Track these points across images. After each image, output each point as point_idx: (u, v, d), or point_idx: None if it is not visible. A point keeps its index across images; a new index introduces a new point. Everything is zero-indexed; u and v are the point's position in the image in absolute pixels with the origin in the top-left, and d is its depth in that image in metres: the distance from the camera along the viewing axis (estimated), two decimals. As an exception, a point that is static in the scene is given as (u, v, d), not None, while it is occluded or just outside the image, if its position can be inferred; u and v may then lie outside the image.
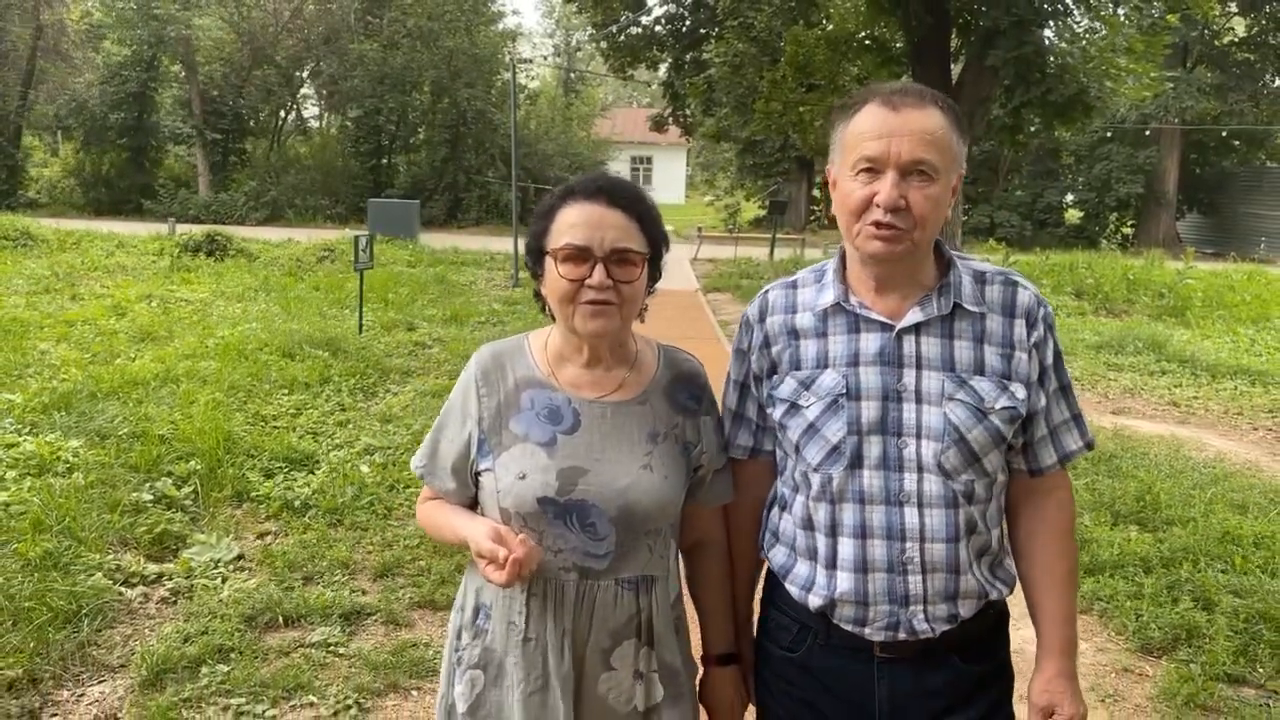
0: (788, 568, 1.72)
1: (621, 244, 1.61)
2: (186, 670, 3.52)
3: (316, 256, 15.34)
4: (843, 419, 1.60)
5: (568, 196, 1.65)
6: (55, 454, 5.29)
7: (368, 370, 8.25)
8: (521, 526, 1.62)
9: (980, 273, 1.66)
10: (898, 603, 1.59)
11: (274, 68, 30.54)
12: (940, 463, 1.57)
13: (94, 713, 3.31)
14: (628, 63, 17.16)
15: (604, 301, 1.59)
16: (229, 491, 5.26)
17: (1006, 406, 1.58)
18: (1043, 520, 1.70)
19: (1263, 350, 10.77)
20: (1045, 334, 1.64)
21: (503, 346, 1.77)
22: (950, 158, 1.54)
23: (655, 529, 1.67)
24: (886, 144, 1.51)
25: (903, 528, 1.58)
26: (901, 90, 1.56)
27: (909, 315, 1.60)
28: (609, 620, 1.64)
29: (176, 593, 4.20)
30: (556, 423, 1.66)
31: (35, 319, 9.29)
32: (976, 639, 1.66)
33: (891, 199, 1.50)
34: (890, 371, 1.59)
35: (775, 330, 1.71)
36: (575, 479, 1.61)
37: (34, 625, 3.66)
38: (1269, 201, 25.56)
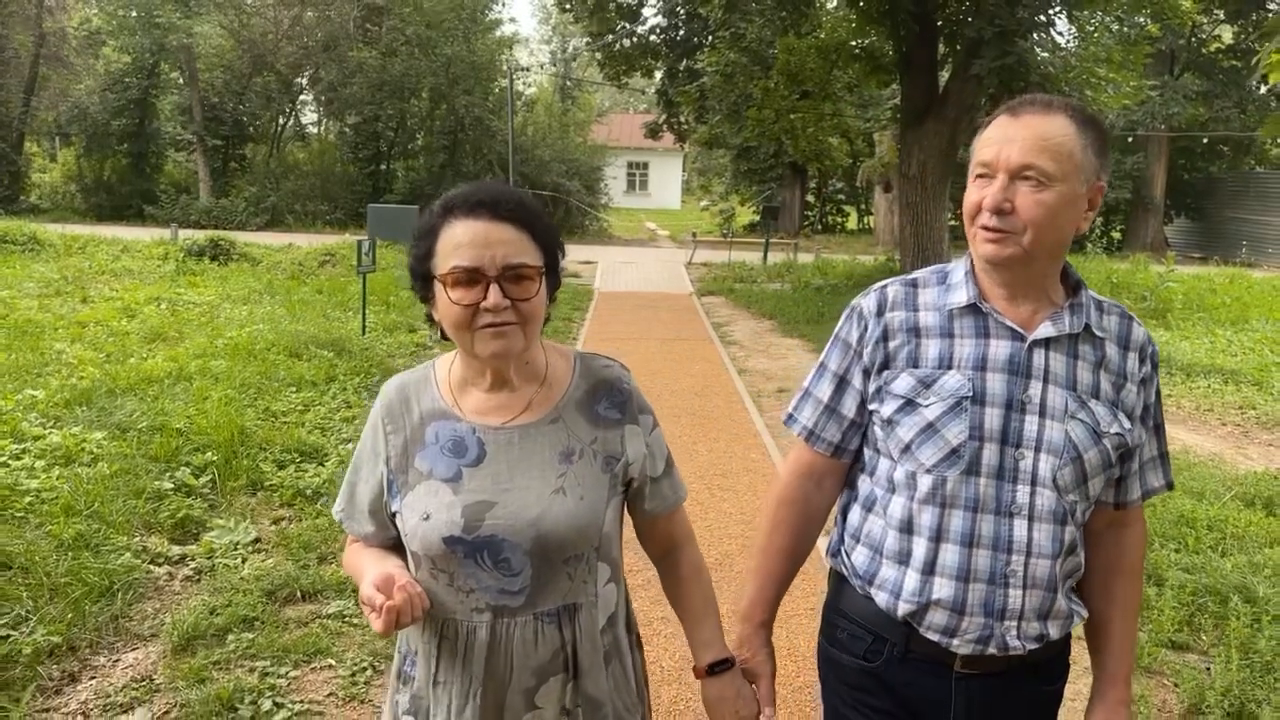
0: (871, 571, 1.68)
1: (514, 259, 1.49)
2: (214, 637, 3.82)
3: (318, 261, 15.64)
4: (965, 422, 1.56)
5: (447, 214, 1.52)
6: (80, 445, 5.59)
7: (371, 369, 8.57)
8: (432, 569, 1.54)
9: (1099, 301, 1.65)
10: (994, 616, 1.57)
11: (274, 75, 30.86)
12: (1055, 478, 1.55)
13: (129, 675, 3.61)
14: (623, 71, 17.51)
15: (503, 323, 1.48)
16: (244, 481, 5.56)
17: (1118, 433, 1.58)
18: (1121, 553, 1.70)
19: (1238, 351, 11.09)
20: (1153, 372, 1.65)
21: (409, 378, 1.66)
22: (1071, 165, 1.49)
23: (575, 554, 1.56)
24: (998, 149, 1.51)
25: (1010, 540, 1.56)
26: (1031, 99, 1.55)
27: (1042, 328, 1.58)
28: (530, 658, 1.54)
29: (200, 571, 4.51)
30: (461, 455, 1.55)
31: (49, 320, 9.59)
32: (1053, 659, 1.67)
33: (994, 201, 1.50)
34: (1017, 381, 1.56)
35: (895, 325, 1.66)
36: (482, 514, 1.51)
37: (70, 599, 3.95)
38: (1255, 206, 25.93)
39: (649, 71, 18.50)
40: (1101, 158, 1.53)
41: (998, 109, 1.58)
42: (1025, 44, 11.77)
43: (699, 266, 20.90)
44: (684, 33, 16.32)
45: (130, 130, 28.11)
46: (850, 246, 26.05)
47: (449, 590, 1.54)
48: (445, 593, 1.54)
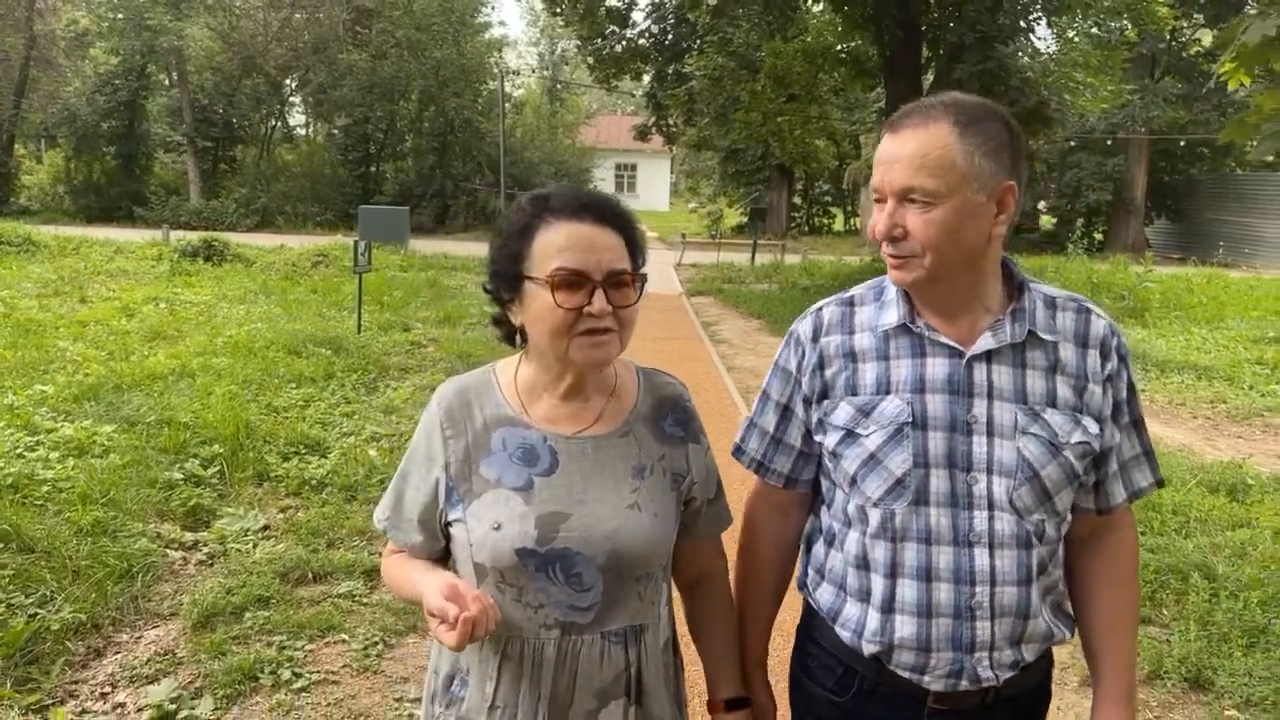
0: (836, 609, 1.61)
1: (617, 265, 1.46)
2: (232, 615, 4.03)
3: (311, 261, 15.82)
4: (907, 450, 1.48)
5: (545, 213, 1.47)
6: (91, 438, 5.78)
7: (368, 367, 8.77)
8: (499, 582, 1.47)
9: (1051, 298, 1.55)
10: (962, 649, 1.48)
11: (263, 77, 30.99)
12: (1013, 500, 1.46)
13: (152, 650, 3.82)
14: (612, 74, 17.76)
15: (604, 329, 1.44)
16: (250, 472, 5.76)
17: (1080, 442, 1.48)
18: (1110, 561, 1.61)
19: (1212, 348, 11.39)
20: (1119, 366, 1.54)
21: (468, 382, 1.60)
22: (956, 177, 1.40)
23: (647, 573, 1.53)
24: (883, 172, 1.44)
25: (972, 570, 1.46)
26: (911, 109, 1.45)
27: (980, 341, 1.48)
28: (595, 679, 1.49)
29: (213, 556, 4.71)
30: (532, 464, 1.50)
31: (50, 320, 9.76)
32: (1031, 689, 1.59)
33: (884, 229, 1.44)
34: (959, 401, 1.48)
35: (831, 351, 1.58)
36: (557, 525, 1.46)
37: (92, 580, 4.15)
38: (1234, 208, 26.36)
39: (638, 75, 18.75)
40: (996, 158, 1.41)
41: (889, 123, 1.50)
42: (1006, 49, 12.05)
43: (688, 267, 21.15)
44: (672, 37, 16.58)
45: (119, 132, 28.22)
46: (837, 247, 26.35)
47: (516, 605, 1.47)
48: (512, 608, 1.47)
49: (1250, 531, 5.02)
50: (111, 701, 3.47)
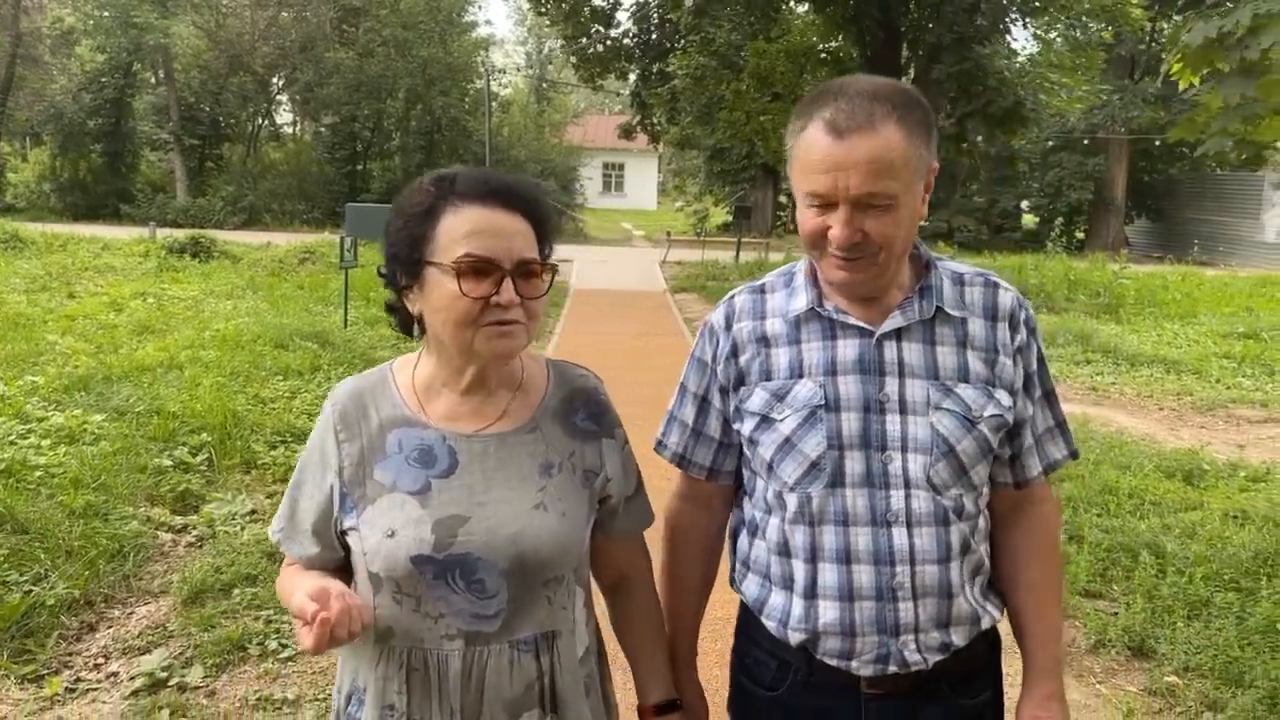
0: (762, 600, 1.59)
1: (527, 254, 1.39)
2: (221, 591, 4.19)
3: (298, 258, 15.94)
4: (821, 432, 1.47)
5: (450, 196, 1.39)
6: (82, 426, 5.92)
7: (354, 360, 8.92)
8: (395, 592, 1.39)
9: (959, 274, 1.55)
10: (887, 632, 1.47)
11: (250, 75, 31.05)
12: (929, 477, 1.46)
13: (144, 624, 3.97)
14: (597, 73, 17.93)
15: (511, 321, 1.37)
16: (238, 460, 5.91)
17: (994, 414, 1.48)
18: (1028, 534, 1.60)
19: (1183, 343, 11.65)
20: (1029, 338, 1.54)
21: (364, 382, 1.52)
22: (910, 172, 1.39)
23: (556, 576, 1.45)
24: (833, 179, 1.38)
25: (891, 550, 1.45)
26: (849, 109, 1.38)
27: (889, 320, 1.49)
28: (504, 691, 1.41)
29: (201, 539, 4.86)
30: (429, 465, 1.42)
31: (38, 314, 9.88)
32: (969, 670, 1.56)
33: (846, 238, 1.39)
34: (871, 380, 1.47)
35: (744, 338, 1.57)
36: (455, 530, 1.38)
37: (85, 560, 4.30)
38: (1213, 207, 26.73)
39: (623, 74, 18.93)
40: (928, 144, 1.42)
41: (811, 99, 1.45)
42: (983, 50, 12.29)
43: (673, 265, 21.34)
44: (656, 36, 16.77)
45: (106, 130, 28.25)
46: (821, 246, 26.53)
47: (415, 616, 1.40)
48: (411, 619, 1.40)
49: (1201, 514, 5.23)
50: (105, 671, 3.63)
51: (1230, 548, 4.63)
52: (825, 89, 1.45)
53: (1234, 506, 5.31)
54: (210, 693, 3.47)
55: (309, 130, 36.27)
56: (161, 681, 3.50)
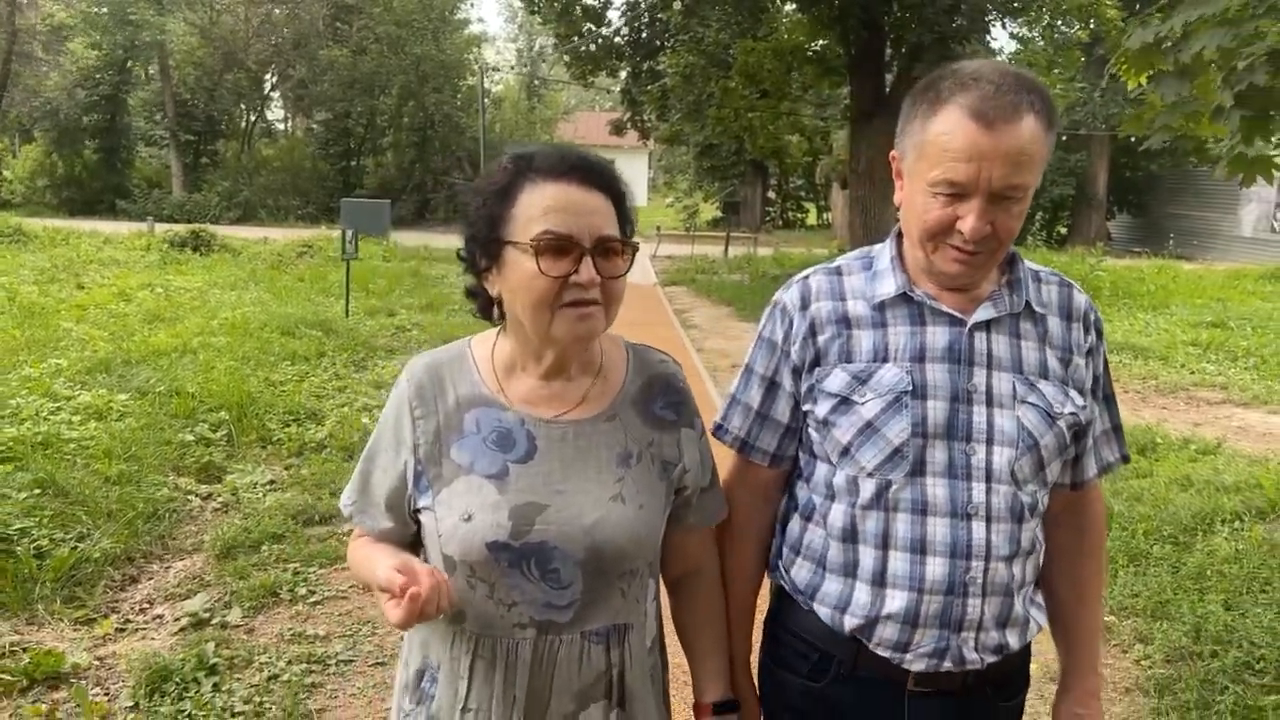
0: (814, 586, 1.54)
1: (607, 231, 1.35)
2: (250, 548, 4.58)
3: (296, 252, 16.29)
4: (906, 419, 1.43)
5: (529, 172, 1.36)
6: (108, 404, 6.29)
7: (357, 347, 9.32)
8: (469, 576, 1.37)
9: (1035, 272, 1.54)
10: (950, 628, 1.44)
11: (245, 72, 31.33)
12: (1014, 471, 1.43)
13: (182, 576, 4.37)
14: (589, 71, 18.32)
15: (590, 301, 1.33)
16: (254, 436, 6.30)
17: (1071, 412, 1.47)
18: (1079, 534, 1.61)
19: (1154, 332, 12.10)
20: (1098, 340, 1.54)
21: (441, 357, 1.48)
22: (1042, 165, 1.38)
23: (631, 570, 1.42)
24: (977, 169, 1.33)
25: (969, 544, 1.43)
26: (996, 96, 1.33)
27: (981, 310, 1.46)
28: (573, 681, 1.40)
29: (227, 505, 5.25)
30: (507, 449, 1.40)
31: (50, 304, 10.23)
32: (1010, 677, 1.56)
33: (979, 230, 1.35)
34: (960, 370, 1.44)
35: (823, 317, 1.52)
36: (532, 517, 1.36)
37: (124, 520, 4.68)
38: (1193, 202, 27.22)
39: (614, 72, 19.32)
40: (1053, 138, 1.41)
41: (940, 82, 1.40)
42: (962, 50, 12.71)
43: (663, 260, 21.74)
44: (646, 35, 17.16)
45: (101, 126, 28.51)
46: (810, 241, 27.03)
47: (488, 602, 1.37)
48: (484, 604, 1.38)
49: (1150, 481, 5.67)
50: (150, 614, 4.03)
51: (1172, 508, 5.06)
52: (956, 72, 1.39)
53: (1181, 474, 5.75)
54: (249, 630, 3.87)
55: (300, 126, 36.54)
56: (204, 620, 3.90)
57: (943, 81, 1.38)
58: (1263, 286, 16.77)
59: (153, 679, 3.37)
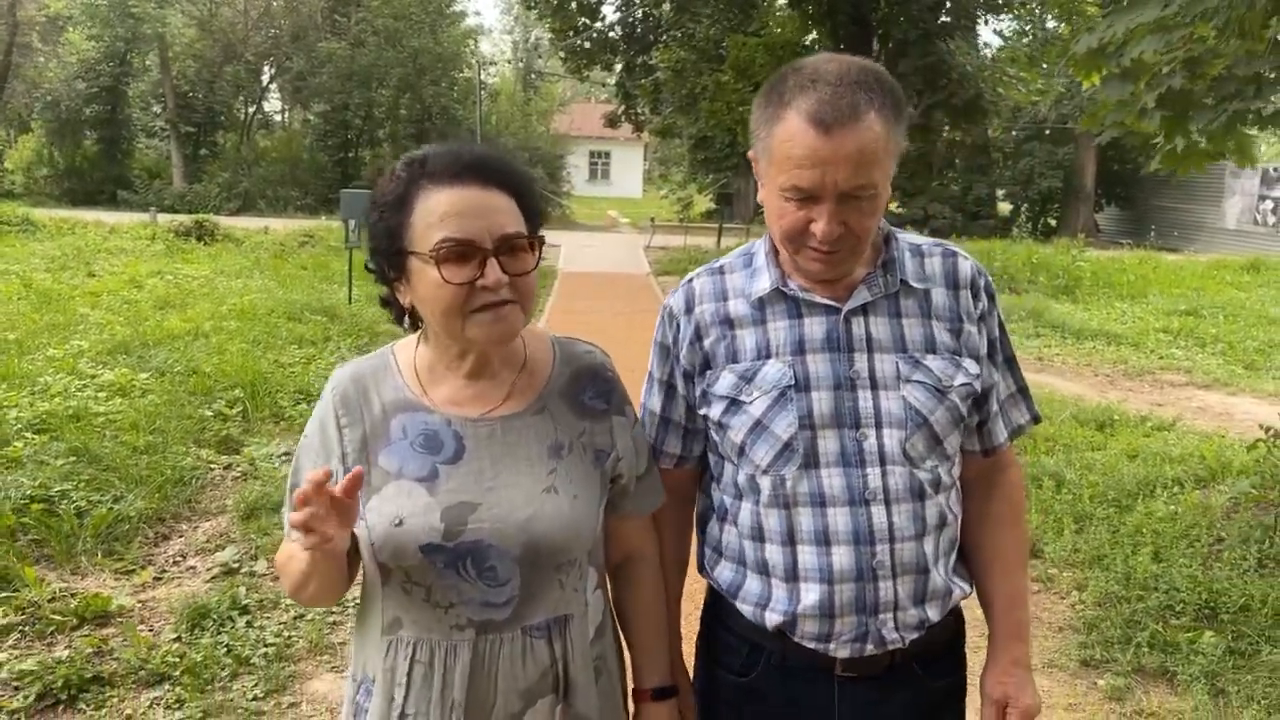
0: (736, 584, 1.56)
1: (509, 229, 1.34)
2: (270, 510, 4.98)
3: (298, 241, 16.69)
4: (792, 413, 1.45)
5: (421, 179, 1.34)
6: (130, 382, 6.70)
7: (361, 332, 9.73)
8: (404, 582, 1.37)
9: (917, 245, 1.55)
10: (866, 612, 1.46)
11: (244, 64, 31.66)
12: (906, 450, 1.44)
13: (209, 533, 4.78)
14: (584, 65, 18.71)
15: (501, 302, 1.32)
16: (267, 413, 6.71)
17: (963, 383, 1.48)
18: (996, 501, 1.61)
19: (1129, 319, 12.54)
20: (990, 305, 1.55)
21: (364, 366, 1.48)
22: (890, 160, 1.38)
23: (568, 560, 1.42)
24: (820, 175, 1.34)
25: (871, 529, 1.44)
26: (833, 99, 1.32)
27: (855, 296, 1.47)
28: (518, 680, 1.39)
29: (246, 473, 5.66)
30: (435, 451, 1.39)
31: (64, 290, 10.62)
32: (939, 650, 1.57)
33: (831, 233, 1.37)
34: (840, 358, 1.46)
35: (706, 321, 1.54)
36: (465, 517, 1.35)
37: (153, 485, 5.09)
38: (1178, 195, 27.66)
39: (609, 66, 19.70)
40: (902, 126, 1.40)
41: (782, 84, 1.40)
42: (945, 46, 13.13)
43: (657, 250, 22.14)
44: (640, 30, 17.54)
45: (102, 117, 28.83)
46: (801, 232, 27.41)
47: (425, 606, 1.37)
48: (421, 609, 1.38)
49: (1103, 453, 6.10)
50: (184, 566, 4.44)
51: (1118, 476, 5.49)
52: (797, 72, 1.39)
53: (1133, 448, 6.18)
54: (274, 578, 4.28)
55: (297, 118, 36.85)
56: (234, 569, 4.32)
57: (785, 83, 1.39)
58: (1240, 277, 17.25)
59: (192, 616, 3.79)
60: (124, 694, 3.33)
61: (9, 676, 3.37)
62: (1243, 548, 4.44)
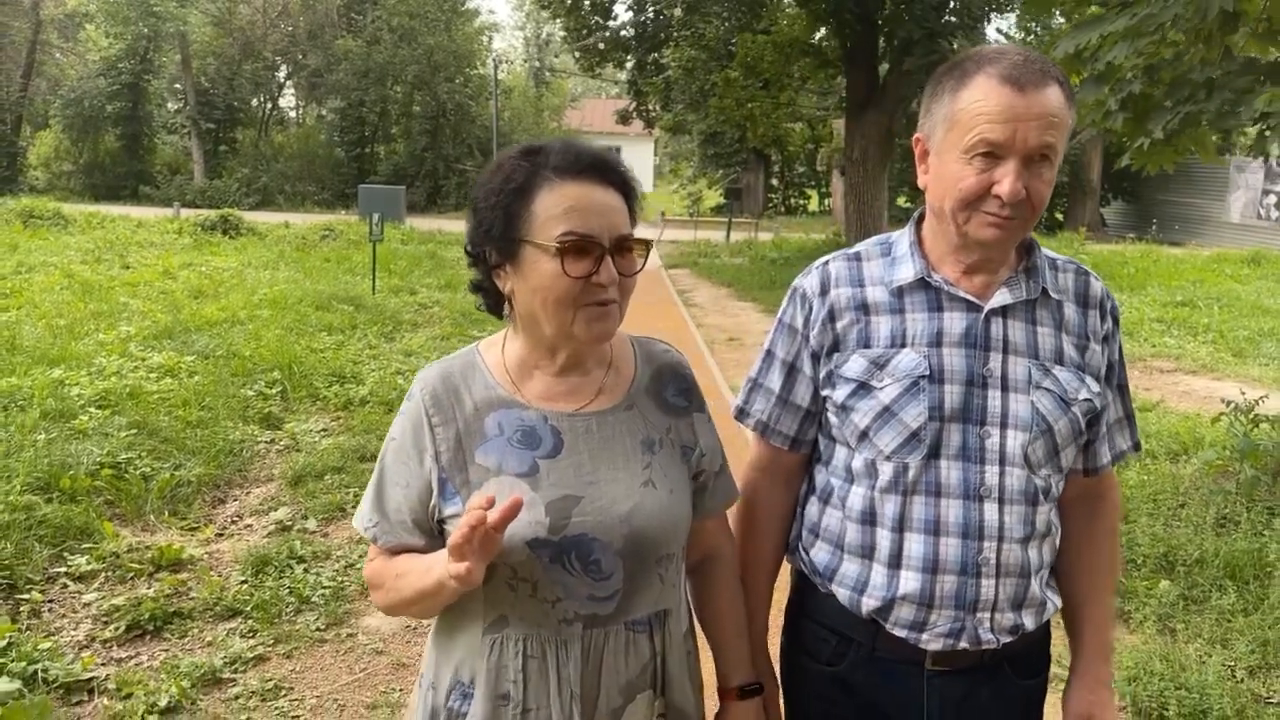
0: (832, 568, 1.57)
1: (624, 230, 1.37)
2: (315, 477, 5.45)
3: (319, 235, 17.18)
4: (923, 403, 1.46)
5: (545, 170, 1.35)
6: (177, 364, 7.19)
7: (385, 321, 10.20)
8: (511, 579, 1.37)
9: (1053, 260, 1.56)
10: (965, 608, 1.47)
11: (262, 61, 32.23)
12: (1027, 454, 1.46)
13: (262, 497, 5.26)
14: (597, 64, 19.16)
15: (609, 300, 1.35)
16: (304, 393, 7.18)
17: (1086, 399, 1.49)
18: (1093, 520, 1.62)
19: (1126, 310, 12.87)
20: (1114, 328, 1.56)
21: (451, 366, 1.48)
22: (1065, 135, 1.40)
23: (668, 554, 1.45)
24: (1012, 130, 1.36)
25: (981, 525, 1.46)
26: (1024, 65, 1.38)
27: (997, 296, 1.48)
28: (621, 674, 1.41)
29: (289, 446, 6.13)
30: (534, 446, 1.40)
31: (103, 281, 11.13)
32: (1027, 657, 1.58)
33: (1016, 190, 1.37)
34: (976, 355, 1.47)
35: (842, 304, 1.55)
36: (569, 510, 1.37)
37: (207, 455, 5.57)
38: (1183, 190, 27.92)
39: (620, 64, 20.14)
40: (1073, 113, 1.44)
41: (964, 61, 1.44)
42: (949, 45, 13.51)
43: (667, 244, 22.57)
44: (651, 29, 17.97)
45: (124, 114, 29.44)
46: (810, 227, 27.83)
47: (531, 602, 1.38)
48: (527, 604, 1.38)
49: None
50: (241, 524, 4.92)
51: (1097, 449, 5.90)
52: (978, 53, 1.44)
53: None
54: (324, 534, 4.76)
55: (310, 115, 37.42)
56: (288, 527, 4.79)
57: (967, 61, 1.43)
58: (1240, 270, 17.56)
59: (255, 564, 4.26)
60: (202, 626, 3.81)
61: (98, 613, 3.86)
62: (1202, 510, 4.87)
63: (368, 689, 3.44)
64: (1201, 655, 3.66)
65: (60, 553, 4.26)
